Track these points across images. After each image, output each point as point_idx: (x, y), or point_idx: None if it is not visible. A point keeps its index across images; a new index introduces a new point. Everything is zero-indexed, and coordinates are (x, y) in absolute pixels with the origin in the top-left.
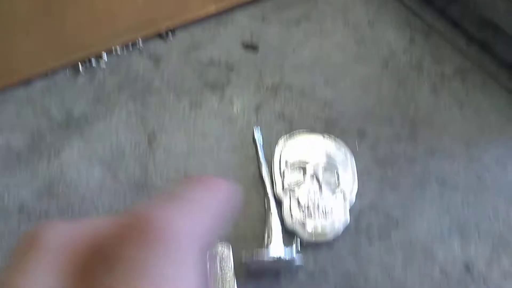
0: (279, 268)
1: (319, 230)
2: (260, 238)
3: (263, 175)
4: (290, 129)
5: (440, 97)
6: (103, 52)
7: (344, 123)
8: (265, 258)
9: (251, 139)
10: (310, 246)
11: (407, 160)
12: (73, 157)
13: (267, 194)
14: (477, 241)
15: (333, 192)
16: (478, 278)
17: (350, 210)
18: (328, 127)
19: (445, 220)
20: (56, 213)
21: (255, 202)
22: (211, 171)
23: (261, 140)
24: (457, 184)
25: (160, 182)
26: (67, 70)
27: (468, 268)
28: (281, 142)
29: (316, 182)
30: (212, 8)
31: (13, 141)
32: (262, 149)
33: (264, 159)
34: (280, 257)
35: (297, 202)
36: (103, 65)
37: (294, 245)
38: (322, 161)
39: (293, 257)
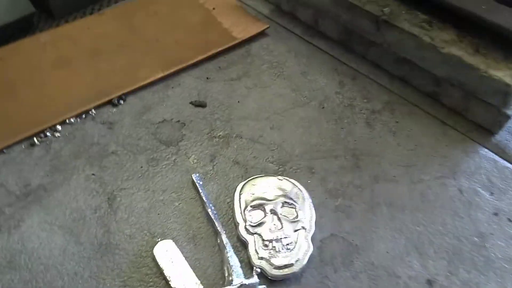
0: None
1: (285, 262)
2: (219, 281)
3: (210, 214)
4: (246, 173)
5: (374, 129)
6: (57, 125)
7: (294, 162)
8: None
9: (207, 188)
10: (278, 283)
11: (355, 188)
12: (33, 227)
13: (219, 232)
14: (434, 256)
15: (294, 225)
16: None
17: (312, 240)
18: (280, 168)
19: (400, 240)
20: (20, 285)
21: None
22: (173, 223)
23: (201, 183)
24: (404, 204)
25: (124, 240)
26: (23, 145)
27: (430, 283)
28: (239, 187)
29: (277, 218)
30: (159, 75)
31: None
32: (203, 191)
33: (208, 199)
34: (241, 283)
35: (261, 240)
36: (58, 135)
37: (254, 275)
38: (280, 199)
39: (256, 281)
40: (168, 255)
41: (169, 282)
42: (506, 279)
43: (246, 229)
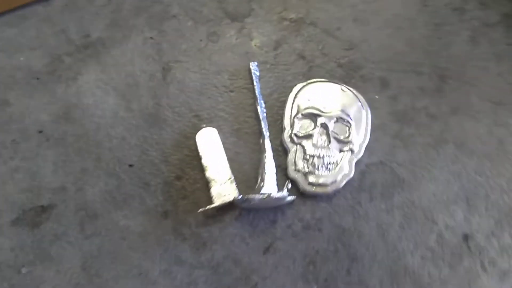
0: (270, 204)
1: (320, 181)
2: (251, 180)
3: (259, 113)
4: (309, 72)
5: (478, 48)
6: None
7: (367, 70)
8: (256, 198)
9: (261, 78)
10: (309, 197)
11: (428, 116)
12: (89, 83)
13: (262, 134)
14: (483, 212)
15: (342, 146)
16: (475, 250)
17: (356, 164)
18: (349, 74)
19: (454, 186)
20: (73, 138)
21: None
22: (221, 111)
23: (258, 75)
24: (476, 148)
25: (172, 117)
26: None
27: (466, 238)
28: (296, 88)
29: (326, 134)
30: None
31: (33, 61)
32: (258, 84)
33: (260, 95)
34: (270, 194)
35: (303, 152)
36: None
37: (285, 188)
38: (336, 113)
39: (284, 195)
40: (210, 144)
41: (205, 171)
42: None
43: (291, 137)
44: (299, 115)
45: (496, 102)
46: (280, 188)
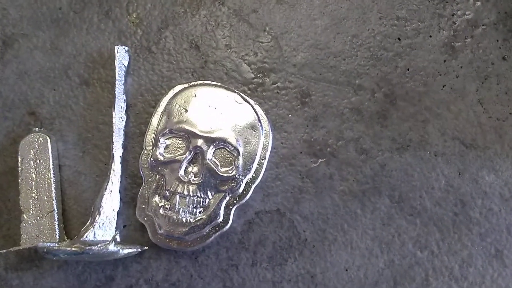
0: (98, 257)
1: (177, 232)
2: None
3: (113, 120)
4: (202, 68)
5: (455, 59)
6: None
7: (283, 75)
8: (61, 252)
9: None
10: (165, 250)
11: (358, 151)
12: None
13: (112, 152)
14: None
15: (220, 183)
16: None
17: (240, 211)
18: (257, 78)
19: (378, 260)
20: None
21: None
22: (68, 109)
23: (124, 65)
24: (422, 207)
25: (0, 112)
26: None
27: None
28: (172, 91)
29: (199, 164)
30: None
31: None
32: (122, 79)
33: (122, 95)
34: (85, 248)
35: (162, 186)
36: None
37: (112, 242)
38: (219, 135)
39: (111, 251)
40: (36, 157)
41: (20, 196)
42: None
43: (149, 162)
44: (167, 131)
45: (467, 143)
46: (102, 245)
